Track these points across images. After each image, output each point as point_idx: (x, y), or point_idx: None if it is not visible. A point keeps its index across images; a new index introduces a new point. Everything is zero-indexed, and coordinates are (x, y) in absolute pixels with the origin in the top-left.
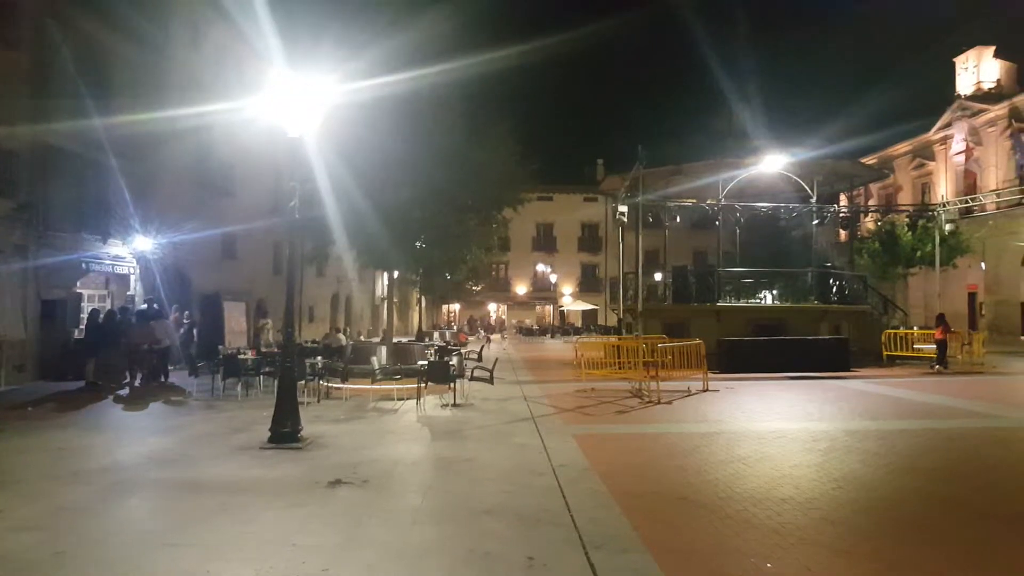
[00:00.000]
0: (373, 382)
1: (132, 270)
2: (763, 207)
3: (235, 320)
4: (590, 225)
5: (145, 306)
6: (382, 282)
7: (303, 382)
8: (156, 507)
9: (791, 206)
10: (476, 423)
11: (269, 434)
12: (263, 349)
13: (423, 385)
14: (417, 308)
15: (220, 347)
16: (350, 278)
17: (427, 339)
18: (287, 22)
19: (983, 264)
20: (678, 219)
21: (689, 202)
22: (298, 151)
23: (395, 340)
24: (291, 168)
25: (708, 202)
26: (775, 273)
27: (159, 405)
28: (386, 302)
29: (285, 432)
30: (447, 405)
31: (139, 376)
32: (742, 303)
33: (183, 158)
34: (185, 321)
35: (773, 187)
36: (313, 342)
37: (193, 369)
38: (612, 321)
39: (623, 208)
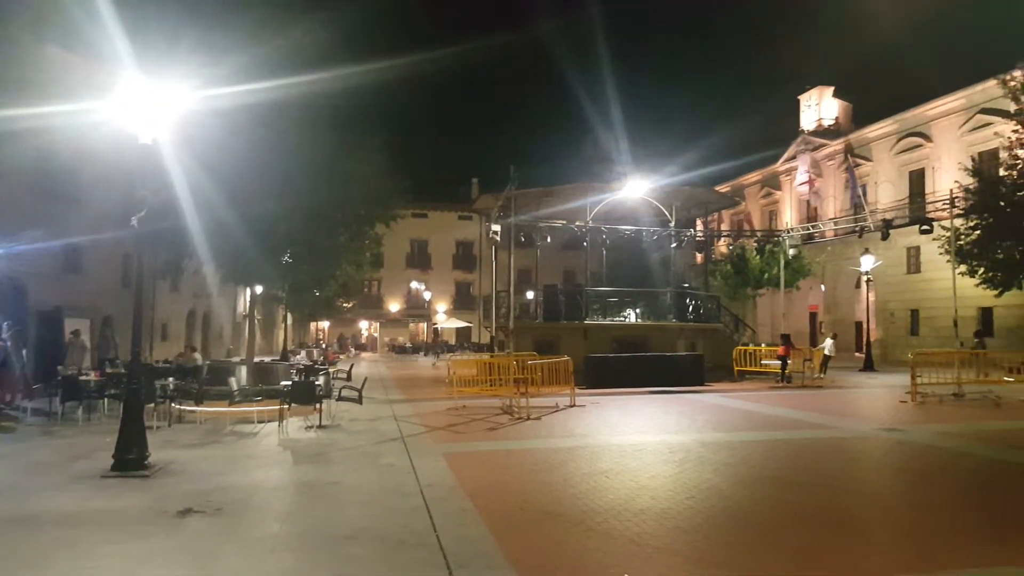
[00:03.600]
0: (231, 404)
1: None
2: (627, 230)
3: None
4: (465, 243)
5: None
6: (244, 298)
7: (152, 405)
8: None
9: (652, 229)
10: (342, 445)
11: (112, 461)
12: (70, 370)
13: (286, 407)
14: (283, 326)
15: (59, 367)
16: (209, 293)
17: (293, 358)
18: (140, 23)
19: (823, 286)
20: (549, 239)
21: (559, 223)
22: (151, 158)
23: (258, 359)
24: (143, 176)
25: (577, 224)
26: (638, 293)
27: None
28: (248, 319)
29: (130, 459)
30: (312, 427)
31: None
32: (608, 321)
33: (19, 161)
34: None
35: (637, 211)
36: (166, 362)
37: (28, 391)
38: (486, 338)
39: (496, 227)
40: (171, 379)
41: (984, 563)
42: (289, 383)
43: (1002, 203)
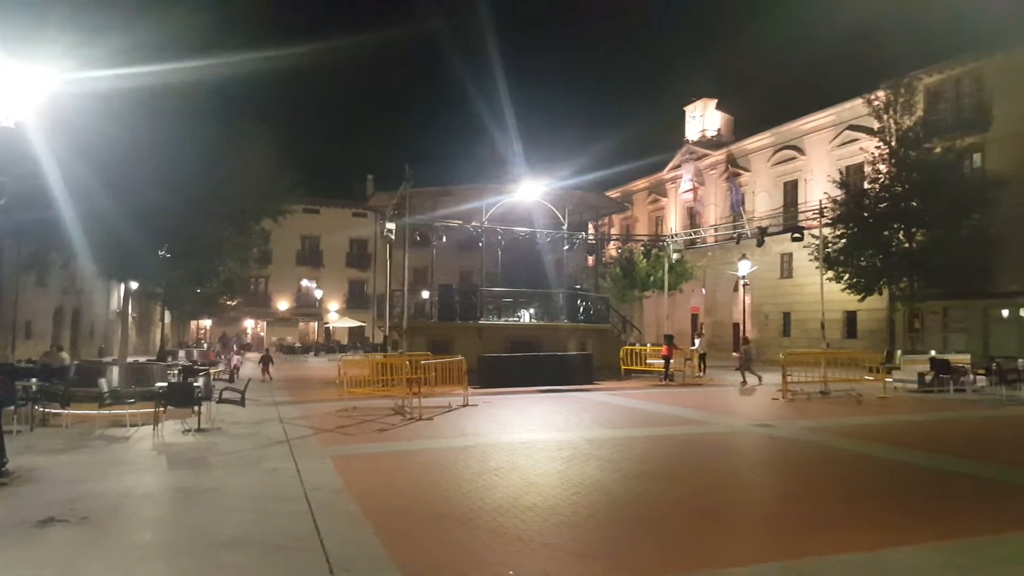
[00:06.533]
0: (100, 407)
1: None
2: (521, 231)
3: None
4: (359, 241)
5: None
6: (118, 295)
7: (13, 408)
8: None
9: (546, 231)
10: (223, 449)
11: None
12: None
13: (162, 409)
14: (160, 324)
15: None
16: (79, 289)
17: (171, 358)
18: None
19: (704, 289)
20: (445, 239)
21: (455, 223)
22: (13, 142)
23: (132, 359)
24: (3, 161)
25: (473, 224)
26: (532, 294)
27: None
28: (122, 317)
29: None
30: (190, 430)
31: None
32: (502, 321)
33: None
34: None
35: (532, 213)
36: (29, 361)
37: None
38: (380, 338)
39: (391, 225)
40: (34, 380)
41: (841, 547)
42: (165, 384)
43: (865, 214)
